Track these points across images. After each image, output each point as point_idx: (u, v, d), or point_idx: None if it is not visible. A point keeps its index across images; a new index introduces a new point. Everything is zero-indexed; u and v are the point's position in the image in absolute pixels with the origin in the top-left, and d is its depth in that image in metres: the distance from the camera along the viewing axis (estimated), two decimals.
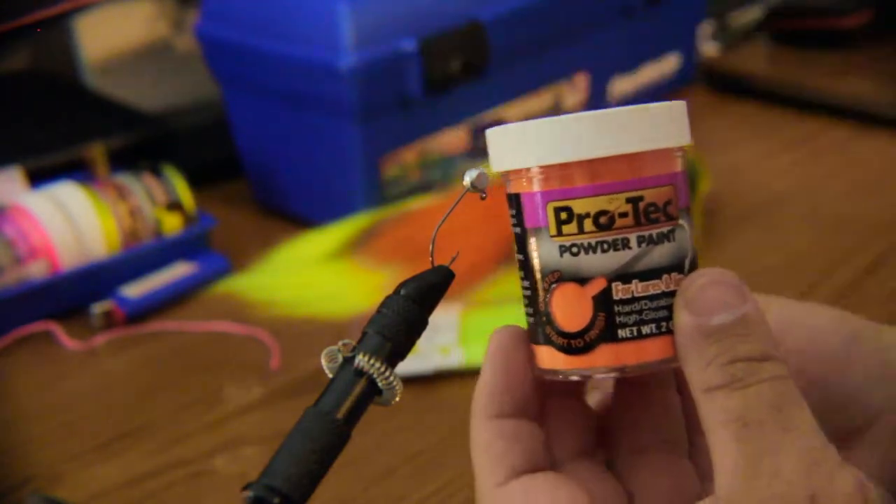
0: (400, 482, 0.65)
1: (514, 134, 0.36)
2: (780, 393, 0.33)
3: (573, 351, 0.36)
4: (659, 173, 0.35)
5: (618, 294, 0.35)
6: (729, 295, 0.34)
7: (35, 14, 0.88)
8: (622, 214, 0.35)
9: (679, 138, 0.36)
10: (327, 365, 0.37)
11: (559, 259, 0.36)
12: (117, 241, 0.88)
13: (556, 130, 0.35)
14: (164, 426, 0.72)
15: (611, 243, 0.35)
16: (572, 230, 0.35)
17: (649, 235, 0.35)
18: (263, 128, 1.00)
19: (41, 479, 0.68)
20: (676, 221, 0.36)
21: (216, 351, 0.81)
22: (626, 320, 0.35)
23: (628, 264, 0.35)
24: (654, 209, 0.35)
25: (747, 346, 0.33)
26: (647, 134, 0.35)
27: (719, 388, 0.33)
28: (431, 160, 0.96)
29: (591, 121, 0.35)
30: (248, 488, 0.35)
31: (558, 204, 0.35)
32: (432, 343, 0.75)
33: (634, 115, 0.35)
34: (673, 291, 0.35)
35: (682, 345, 0.34)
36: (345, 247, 0.88)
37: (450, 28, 0.90)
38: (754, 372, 0.33)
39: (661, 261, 0.35)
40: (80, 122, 1.05)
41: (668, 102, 0.36)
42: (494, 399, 0.37)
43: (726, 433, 0.33)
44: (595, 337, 0.35)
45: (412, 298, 0.38)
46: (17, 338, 0.83)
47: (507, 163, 0.37)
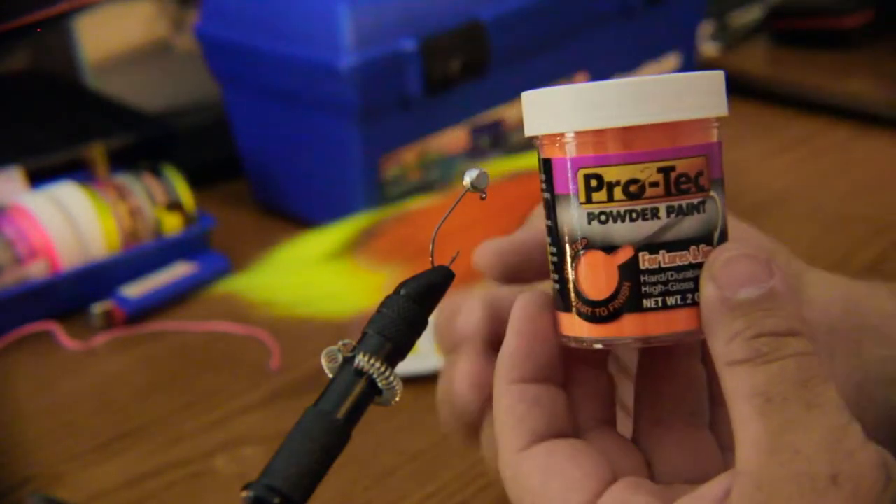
0: (400, 482, 0.65)
1: (549, 98, 0.36)
2: (805, 369, 0.33)
3: (598, 319, 0.36)
4: (692, 143, 0.35)
5: (644, 264, 0.35)
6: (756, 269, 0.34)
7: (35, 14, 0.88)
8: (653, 184, 0.35)
9: (715, 108, 0.36)
10: (327, 365, 0.37)
11: (587, 226, 0.35)
12: (117, 241, 0.88)
13: (590, 96, 0.35)
14: (164, 426, 0.72)
15: (640, 212, 0.35)
16: (602, 198, 0.35)
17: (679, 206, 0.35)
18: (263, 128, 1.00)
19: (41, 479, 0.68)
20: (708, 193, 0.35)
21: (216, 351, 0.81)
22: (652, 290, 0.35)
23: (656, 234, 0.35)
24: (685, 179, 0.35)
25: (773, 320, 0.33)
26: (683, 103, 0.35)
27: (743, 363, 0.33)
28: (431, 160, 0.96)
29: (626, 88, 0.35)
30: (248, 488, 0.35)
31: (589, 171, 0.35)
32: (432, 343, 0.74)
33: (671, 83, 0.35)
34: (700, 263, 0.35)
35: (707, 317, 0.34)
36: (345, 247, 0.88)
37: (450, 28, 0.90)
38: (779, 347, 0.33)
39: (690, 232, 0.35)
40: (80, 122, 1.05)
41: (706, 72, 0.36)
42: (517, 363, 0.37)
43: (749, 408, 0.33)
44: (620, 306, 0.35)
45: (412, 298, 0.38)
46: (17, 338, 0.82)
47: (541, 127, 0.36)
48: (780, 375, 0.33)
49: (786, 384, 0.32)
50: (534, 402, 0.37)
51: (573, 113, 0.35)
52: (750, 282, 0.34)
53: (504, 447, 0.37)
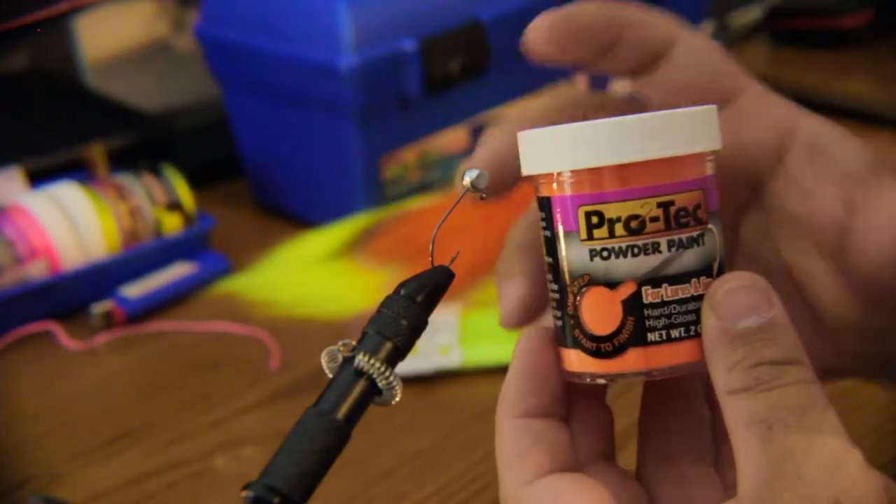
0: (400, 482, 0.65)
1: (546, 137, 0.37)
2: (805, 395, 0.33)
3: (602, 354, 0.36)
4: (689, 178, 0.36)
5: (648, 298, 0.35)
6: (756, 299, 0.34)
7: (35, 14, 0.88)
8: (653, 219, 0.35)
9: (709, 143, 0.36)
10: (327, 365, 0.37)
11: (589, 263, 0.36)
12: (117, 241, 0.88)
13: (587, 135, 0.35)
14: (164, 426, 0.72)
15: (641, 247, 0.35)
16: (603, 234, 0.35)
17: (679, 240, 0.35)
18: (263, 128, 1.00)
19: (41, 479, 0.68)
20: (706, 226, 0.36)
21: (216, 351, 0.81)
22: (656, 324, 0.35)
23: (658, 268, 0.35)
24: (684, 213, 0.35)
25: (773, 349, 0.33)
26: (678, 139, 0.35)
27: (743, 391, 0.33)
28: (431, 160, 0.96)
29: (622, 126, 0.35)
30: (248, 488, 0.35)
31: (589, 208, 0.36)
32: (432, 343, 0.75)
33: (665, 120, 0.36)
34: (702, 295, 0.35)
35: (708, 348, 0.34)
36: (345, 247, 0.88)
37: (450, 28, 0.90)
38: (779, 375, 0.33)
39: (691, 265, 0.36)
40: (80, 122, 1.05)
41: (698, 108, 0.36)
42: (521, 399, 0.37)
43: (750, 435, 0.33)
44: (624, 340, 0.36)
45: (412, 298, 0.38)
46: (17, 338, 0.83)
47: (539, 166, 0.37)
48: (780, 402, 0.33)
49: (786, 411, 0.33)
50: (539, 438, 0.37)
51: (571, 151, 0.36)
52: (751, 312, 0.34)
53: (507, 481, 0.37)
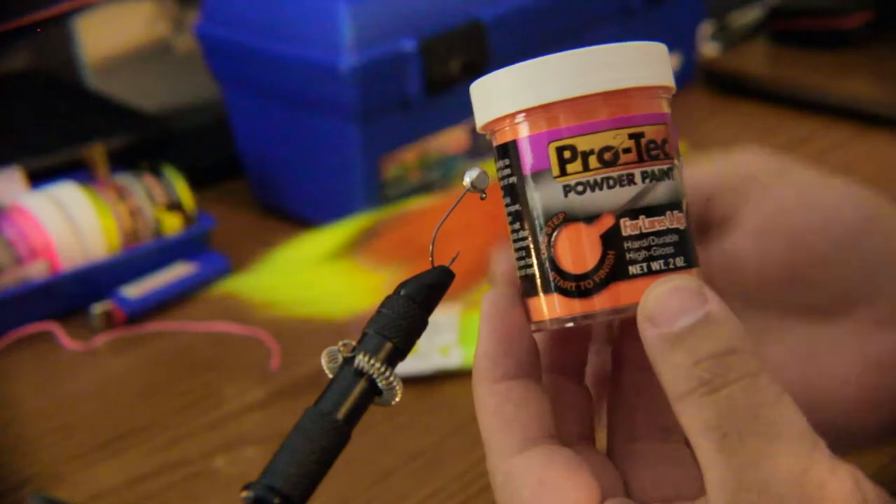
0: (400, 482, 0.65)
1: (506, 77, 0.36)
2: (754, 393, 0.32)
3: (583, 293, 0.35)
4: (654, 111, 0.35)
5: (627, 230, 0.35)
6: (687, 299, 0.33)
7: (35, 14, 0.88)
8: (626, 150, 0.35)
9: (669, 79, 0.36)
10: (327, 365, 0.37)
11: (563, 200, 0.35)
12: (117, 241, 0.88)
13: (552, 69, 0.35)
14: (164, 426, 0.72)
15: (616, 179, 0.35)
16: (577, 168, 0.35)
17: (652, 171, 0.35)
18: (263, 128, 1.00)
19: (41, 479, 0.68)
20: (673, 161, 0.36)
21: (216, 351, 0.81)
22: (637, 256, 0.35)
23: (634, 200, 0.35)
24: (654, 146, 0.35)
25: (710, 343, 0.32)
26: (643, 71, 0.35)
27: (690, 394, 0.32)
28: (431, 160, 0.96)
29: (587, 56, 0.35)
30: (248, 488, 0.35)
31: (561, 143, 0.35)
32: (432, 343, 0.75)
33: (628, 51, 0.35)
34: (676, 228, 0.35)
35: (650, 357, 0.33)
36: (345, 247, 0.88)
37: (450, 28, 0.90)
38: (721, 371, 0.32)
39: (664, 198, 0.35)
40: (80, 122, 1.05)
41: (653, 42, 0.36)
42: (497, 362, 0.36)
43: (707, 444, 0.32)
44: (606, 275, 0.35)
45: (412, 298, 0.38)
46: (17, 338, 0.82)
47: (500, 108, 0.36)
48: (729, 407, 0.32)
49: (738, 416, 0.32)
50: (522, 402, 0.36)
51: (536, 87, 0.35)
52: (684, 312, 0.33)
53: (494, 451, 0.36)
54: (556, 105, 0.35)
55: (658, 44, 0.36)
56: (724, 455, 0.32)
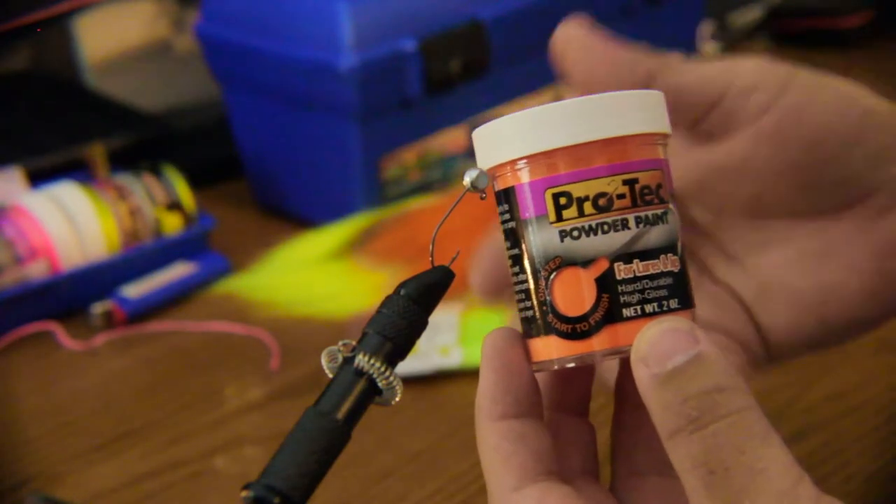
0: (400, 482, 0.65)
1: (504, 126, 0.37)
2: (741, 430, 0.32)
3: (578, 335, 0.36)
4: (649, 157, 0.36)
5: (620, 274, 0.36)
6: (679, 340, 0.33)
7: (35, 14, 0.88)
8: (620, 196, 0.36)
9: (663, 125, 0.37)
10: (327, 365, 0.37)
11: (560, 245, 0.36)
12: (117, 241, 0.88)
13: (548, 118, 0.36)
14: (164, 426, 0.72)
15: (611, 224, 0.36)
16: (572, 214, 0.36)
17: (646, 216, 0.36)
18: (263, 128, 1.00)
19: (41, 479, 0.68)
20: (667, 205, 0.37)
21: (216, 351, 0.81)
22: (630, 299, 0.36)
23: (629, 244, 0.36)
24: (648, 191, 0.36)
25: (699, 381, 0.33)
26: (637, 118, 0.36)
27: (679, 432, 0.33)
28: (431, 160, 0.96)
29: (582, 105, 0.36)
30: (248, 488, 0.35)
31: (557, 189, 0.36)
32: (432, 343, 0.75)
33: (623, 99, 0.36)
34: (671, 271, 0.36)
35: (644, 397, 0.34)
36: (345, 247, 0.88)
37: (450, 28, 0.90)
38: (709, 408, 0.32)
39: (658, 241, 0.36)
40: (80, 122, 1.05)
41: (649, 90, 0.37)
42: (497, 400, 0.37)
43: (695, 481, 0.32)
44: (600, 318, 0.36)
45: (412, 298, 0.38)
46: (17, 338, 0.83)
47: (499, 156, 0.37)
48: (715, 442, 0.32)
49: (724, 451, 0.32)
50: (520, 440, 0.36)
51: (533, 136, 0.36)
52: (676, 353, 0.33)
53: (494, 487, 0.37)
54: (554, 152, 0.36)
55: (655, 91, 0.38)
56: (711, 490, 0.32)
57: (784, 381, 0.70)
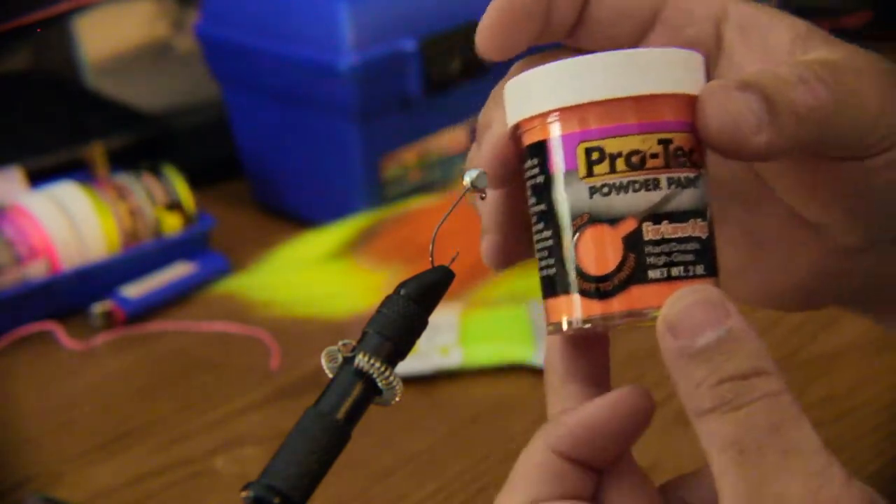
0: (400, 482, 0.65)
1: (542, 76, 0.36)
2: (776, 411, 0.32)
3: (602, 295, 0.35)
4: (685, 119, 0.35)
5: (648, 234, 0.35)
6: (711, 313, 0.33)
7: (35, 14, 0.88)
8: (653, 155, 0.35)
9: (700, 88, 0.36)
10: (327, 365, 0.37)
11: (589, 200, 0.35)
12: (117, 241, 0.88)
13: (583, 70, 0.35)
14: (164, 426, 0.72)
15: (642, 183, 0.35)
16: (604, 170, 0.35)
17: (678, 178, 0.35)
18: (263, 128, 1.00)
19: (41, 479, 0.68)
20: (700, 170, 0.36)
21: (216, 351, 0.81)
22: (657, 261, 0.35)
23: (658, 205, 0.35)
24: (681, 153, 0.35)
25: (734, 363, 0.32)
26: (677, 77, 0.35)
27: (711, 412, 0.32)
28: (431, 160, 0.96)
29: (622, 58, 0.35)
30: (248, 488, 0.34)
31: (591, 144, 0.35)
32: (432, 343, 0.75)
33: (665, 56, 0.35)
34: (698, 237, 0.35)
35: (670, 368, 0.33)
36: (345, 247, 0.89)
37: (450, 28, 0.90)
38: (745, 391, 0.32)
39: (688, 205, 0.35)
40: (80, 122, 1.05)
41: (692, 51, 0.36)
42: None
43: (725, 459, 0.32)
44: (625, 278, 0.35)
45: (412, 298, 0.38)
46: (17, 338, 0.82)
47: (533, 107, 0.36)
48: (750, 422, 0.32)
49: (758, 431, 0.32)
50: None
51: (571, 87, 0.35)
52: (707, 327, 0.33)
53: None
54: (588, 106, 0.35)
55: (695, 53, 0.36)
56: (742, 469, 0.32)
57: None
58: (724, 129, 0.34)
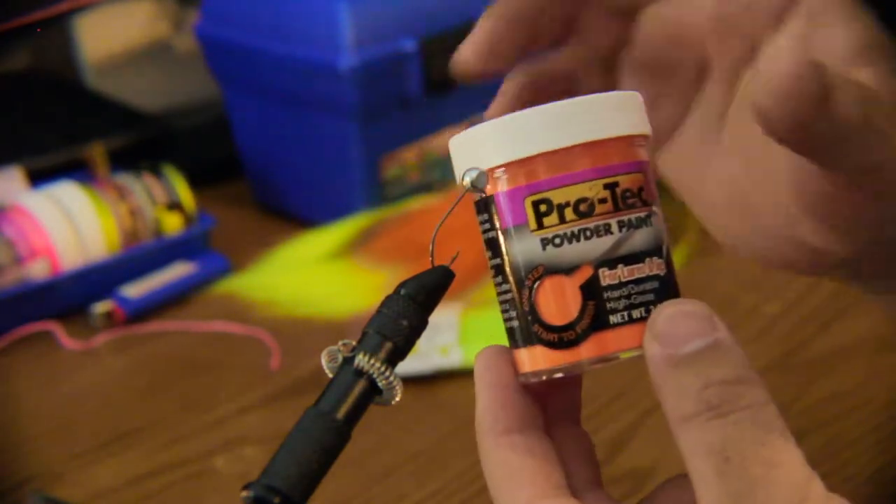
0: (400, 482, 0.65)
1: (478, 135, 0.36)
2: (761, 423, 0.32)
3: (564, 345, 0.35)
4: (630, 160, 0.36)
5: (605, 280, 0.35)
6: (698, 324, 0.33)
7: (35, 14, 0.88)
8: (601, 200, 0.35)
9: (642, 126, 0.37)
10: (327, 365, 0.37)
11: (542, 252, 0.35)
12: (117, 241, 0.88)
13: (523, 125, 0.35)
14: (164, 426, 0.72)
15: (593, 230, 0.35)
16: (553, 221, 0.35)
17: (629, 220, 0.35)
18: (263, 128, 1.00)
19: (41, 479, 0.68)
20: (651, 207, 0.36)
21: (216, 351, 0.81)
22: (617, 306, 0.35)
23: (612, 249, 0.35)
24: (630, 194, 0.35)
25: (721, 370, 0.32)
26: (614, 121, 0.36)
27: (695, 417, 0.32)
28: (431, 160, 0.96)
29: (556, 111, 0.35)
30: (248, 488, 0.35)
31: (536, 197, 0.35)
32: (432, 343, 0.75)
33: (598, 102, 0.36)
34: (657, 275, 0.35)
35: (654, 377, 0.33)
36: (345, 247, 0.88)
37: (450, 28, 0.90)
38: (731, 398, 0.32)
39: (642, 245, 0.35)
40: (80, 122, 1.05)
41: (625, 92, 0.37)
42: (498, 417, 0.36)
43: (707, 467, 0.32)
44: (587, 326, 0.35)
45: (412, 298, 0.38)
46: (17, 338, 0.83)
47: (481, 163, 0.36)
48: (735, 431, 0.32)
49: (743, 442, 0.32)
50: (527, 453, 0.36)
51: (508, 144, 0.35)
52: (693, 337, 0.33)
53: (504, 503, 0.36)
54: (531, 159, 0.35)
55: (633, 93, 0.37)
56: (726, 479, 0.32)
57: (784, 380, 0.70)
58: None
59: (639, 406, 0.69)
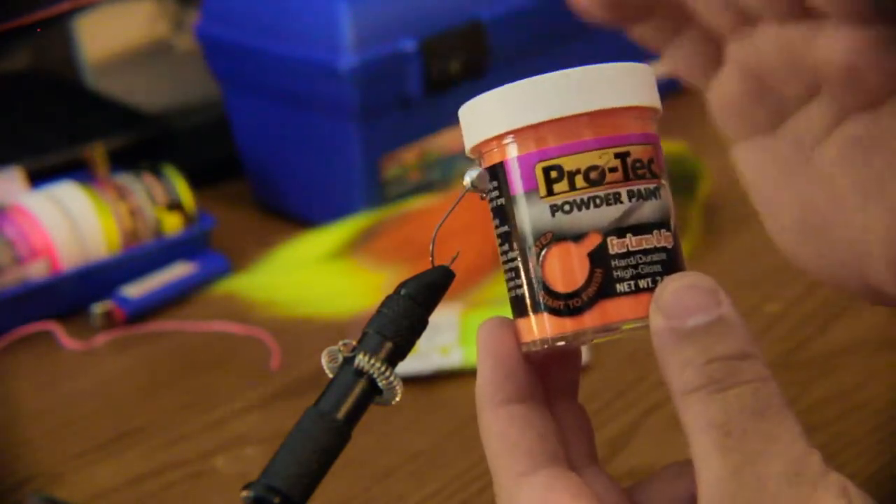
0: (400, 482, 0.65)
1: (493, 99, 0.36)
2: (762, 397, 0.33)
3: (571, 311, 0.35)
4: (641, 131, 0.36)
5: (614, 248, 0.35)
6: (703, 298, 0.33)
7: (35, 14, 0.88)
8: (612, 169, 0.35)
9: (654, 99, 0.37)
10: (327, 365, 0.37)
11: (551, 219, 0.35)
12: (117, 241, 0.88)
13: (536, 90, 0.36)
14: (164, 426, 0.72)
15: (603, 198, 0.35)
16: (563, 188, 0.35)
17: (638, 190, 0.35)
18: (263, 128, 1.00)
19: (41, 479, 0.68)
20: (660, 180, 0.36)
21: (216, 351, 0.81)
22: (624, 274, 0.35)
23: (621, 218, 0.35)
24: (640, 165, 0.36)
25: (724, 345, 0.33)
26: (628, 91, 0.36)
27: (697, 391, 0.33)
28: (431, 160, 0.96)
29: (572, 77, 0.36)
30: (248, 488, 0.35)
31: (547, 163, 0.35)
32: (432, 343, 0.75)
33: (612, 71, 0.36)
34: (664, 247, 0.36)
35: (658, 349, 0.34)
36: (345, 247, 0.88)
37: (450, 28, 0.90)
38: (733, 373, 0.33)
39: (651, 216, 0.36)
40: (80, 122, 1.05)
41: (638, 64, 0.37)
42: (498, 386, 0.37)
43: (707, 440, 0.32)
44: (593, 293, 0.35)
45: (412, 298, 0.38)
46: (17, 338, 0.83)
47: (488, 130, 0.36)
48: (736, 405, 0.32)
49: (744, 415, 0.32)
50: (526, 424, 0.36)
51: (522, 109, 0.36)
52: (698, 311, 0.33)
53: (501, 474, 0.36)
54: (543, 125, 0.35)
55: (644, 65, 0.37)
56: (724, 452, 0.32)
57: (784, 381, 0.70)
58: None
59: (639, 406, 0.69)
